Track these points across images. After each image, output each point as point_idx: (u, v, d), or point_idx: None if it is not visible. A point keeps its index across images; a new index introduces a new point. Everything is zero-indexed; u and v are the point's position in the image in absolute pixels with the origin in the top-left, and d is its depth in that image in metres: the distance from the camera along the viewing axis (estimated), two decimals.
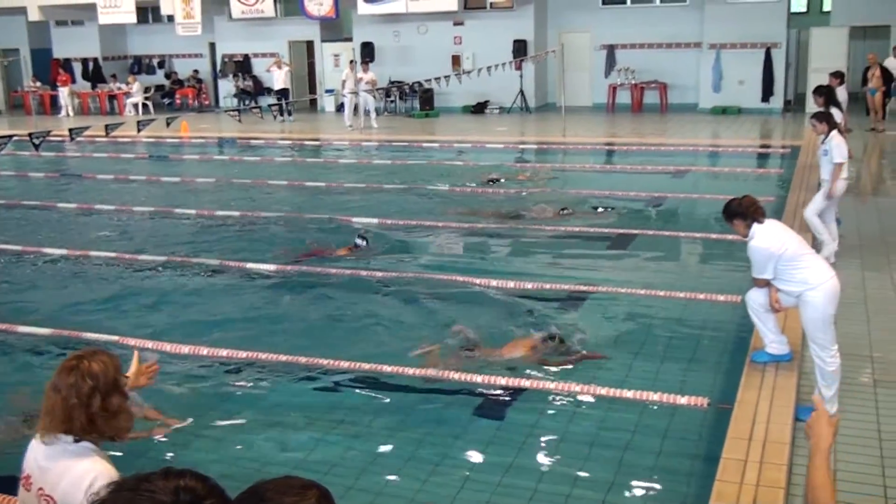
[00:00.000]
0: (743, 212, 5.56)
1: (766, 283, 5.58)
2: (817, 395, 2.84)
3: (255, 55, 26.50)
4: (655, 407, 5.58)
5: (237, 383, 6.25)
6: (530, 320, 7.27)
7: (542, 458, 5.06)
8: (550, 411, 5.64)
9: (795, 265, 5.38)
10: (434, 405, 5.84)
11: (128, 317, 7.88)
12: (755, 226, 5.52)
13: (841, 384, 5.33)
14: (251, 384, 6.23)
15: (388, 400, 5.93)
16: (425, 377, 6.14)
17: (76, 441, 2.73)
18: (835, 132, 8.49)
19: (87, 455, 2.73)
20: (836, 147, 8.37)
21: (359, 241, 9.75)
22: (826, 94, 10.20)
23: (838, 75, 13.32)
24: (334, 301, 8.18)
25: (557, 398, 5.77)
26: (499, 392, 5.90)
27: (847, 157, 8.49)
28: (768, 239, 5.45)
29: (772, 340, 5.79)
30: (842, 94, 12.71)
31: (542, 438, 5.29)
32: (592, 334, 6.94)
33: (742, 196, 5.72)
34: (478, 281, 8.35)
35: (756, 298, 5.73)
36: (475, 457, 5.10)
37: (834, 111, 10.02)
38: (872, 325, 6.81)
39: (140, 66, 29.00)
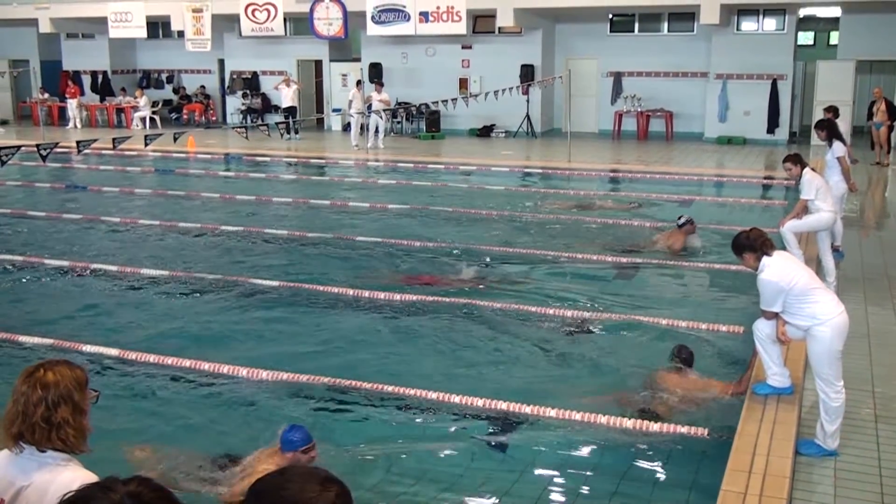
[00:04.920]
0: (752, 245, 5.55)
1: (775, 315, 5.56)
2: None
3: (264, 72, 26.67)
4: (655, 437, 5.56)
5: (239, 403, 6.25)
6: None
7: (539, 487, 5.03)
8: (549, 439, 5.62)
9: (805, 299, 5.35)
10: (432, 428, 5.84)
11: (129, 330, 7.87)
12: (765, 258, 5.50)
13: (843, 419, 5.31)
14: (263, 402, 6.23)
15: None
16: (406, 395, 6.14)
17: (41, 451, 2.70)
18: (807, 169, 8.87)
19: (65, 463, 2.72)
20: (807, 183, 8.82)
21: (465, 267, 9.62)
22: (828, 127, 10.28)
23: (831, 109, 13.42)
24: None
25: (556, 426, 5.74)
26: (494, 419, 5.88)
27: (814, 196, 8.74)
28: (778, 273, 5.43)
29: (774, 373, 5.77)
30: (842, 125, 12.78)
31: (540, 466, 5.27)
32: (594, 363, 6.93)
33: (749, 229, 5.71)
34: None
35: (763, 329, 5.70)
36: (471, 484, 5.08)
37: (837, 144, 10.12)
38: (874, 360, 6.78)
39: (149, 80, 29.18)
